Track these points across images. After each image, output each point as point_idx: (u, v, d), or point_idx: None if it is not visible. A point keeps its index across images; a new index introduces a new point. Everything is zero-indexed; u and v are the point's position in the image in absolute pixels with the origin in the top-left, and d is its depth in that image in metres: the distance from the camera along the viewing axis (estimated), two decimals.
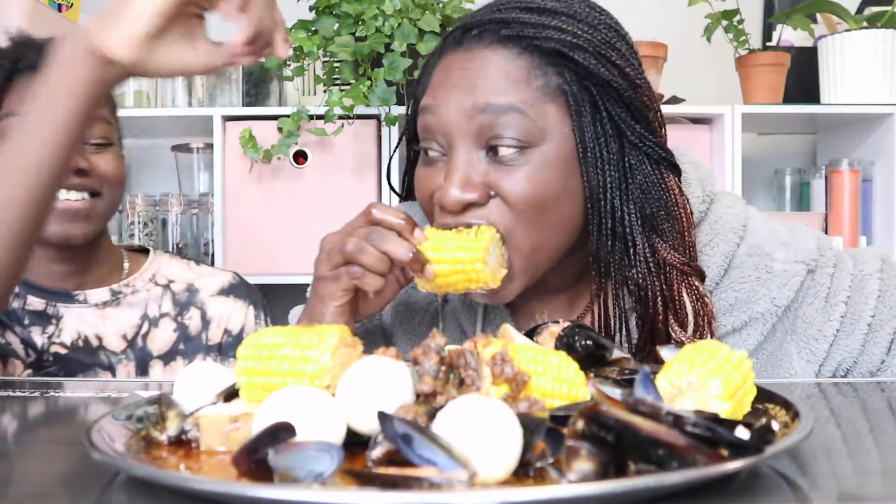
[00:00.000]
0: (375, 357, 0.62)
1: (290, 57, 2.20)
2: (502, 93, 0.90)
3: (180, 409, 0.66)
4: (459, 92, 0.91)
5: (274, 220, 2.30)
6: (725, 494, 0.53)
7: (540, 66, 0.91)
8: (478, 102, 0.90)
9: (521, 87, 0.90)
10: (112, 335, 1.34)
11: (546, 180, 0.91)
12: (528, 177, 0.90)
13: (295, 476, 0.51)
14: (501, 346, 0.64)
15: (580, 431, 0.53)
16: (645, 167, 0.94)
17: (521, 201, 0.90)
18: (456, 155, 0.92)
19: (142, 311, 1.37)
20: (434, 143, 0.94)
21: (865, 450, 0.70)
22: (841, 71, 2.33)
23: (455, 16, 2.22)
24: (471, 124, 0.91)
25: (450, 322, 1.09)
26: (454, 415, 0.54)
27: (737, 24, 2.36)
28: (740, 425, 0.57)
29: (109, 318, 1.35)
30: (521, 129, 0.90)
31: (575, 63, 0.91)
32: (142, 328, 1.37)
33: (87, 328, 1.34)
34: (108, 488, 0.57)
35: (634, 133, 0.93)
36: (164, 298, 1.39)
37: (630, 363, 0.76)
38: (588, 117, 0.91)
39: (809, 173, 2.60)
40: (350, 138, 2.27)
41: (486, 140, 0.91)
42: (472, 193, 0.90)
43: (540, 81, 0.91)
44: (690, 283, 0.97)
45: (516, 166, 0.90)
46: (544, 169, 0.91)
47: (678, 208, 0.96)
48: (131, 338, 1.35)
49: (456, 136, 0.92)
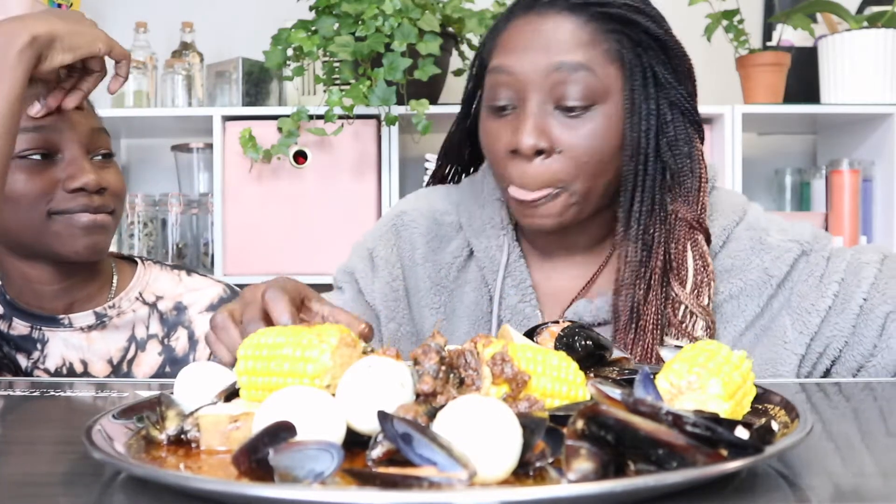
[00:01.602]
0: (375, 357, 0.62)
1: (290, 57, 2.20)
2: (574, 53, 0.99)
3: (180, 409, 0.66)
4: (534, 51, 1.00)
5: (274, 220, 2.30)
6: (725, 494, 0.53)
7: (603, 31, 1.01)
8: (552, 61, 0.99)
9: (589, 49, 1.00)
10: (97, 360, 1.30)
11: (607, 136, 1.01)
12: (593, 132, 1.00)
13: (295, 476, 0.51)
14: (501, 346, 0.64)
15: (580, 431, 0.53)
16: (678, 123, 1.04)
17: (585, 154, 1.00)
18: (529, 106, 1.00)
19: (128, 333, 1.32)
20: (505, 99, 1.02)
21: (865, 450, 0.70)
22: (841, 71, 2.33)
23: (455, 16, 2.22)
24: (545, 81, 0.99)
25: (473, 273, 1.13)
26: (454, 414, 0.54)
27: (737, 24, 2.36)
28: (740, 425, 0.58)
29: (95, 341, 1.30)
30: (589, 87, 0.99)
31: (634, 29, 1.01)
32: (128, 352, 1.32)
33: (73, 353, 1.29)
34: (108, 488, 0.57)
35: (676, 92, 1.04)
36: (152, 319, 1.34)
37: (630, 363, 0.76)
38: (639, 80, 1.01)
39: (810, 173, 2.60)
40: (350, 138, 2.27)
41: (558, 96, 0.99)
42: (543, 140, 0.99)
43: (604, 46, 1.01)
44: (696, 240, 1.03)
45: (582, 122, 1.00)
46: (606, 125, 1.00)
47: (699, 166, 1.05)
48: (117, 362, 1.31)
49: (529, 91, 1.00)
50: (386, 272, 1.15)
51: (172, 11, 2.71)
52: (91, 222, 1.21)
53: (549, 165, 1.00)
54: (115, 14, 2.79)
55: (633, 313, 1.01)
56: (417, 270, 1.15)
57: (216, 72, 2.48)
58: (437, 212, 1.17)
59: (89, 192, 1.20)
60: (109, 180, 1.25)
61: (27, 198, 1.18)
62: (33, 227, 1.20)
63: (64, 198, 1.19)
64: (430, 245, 1.15)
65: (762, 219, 1.11)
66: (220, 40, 2.70)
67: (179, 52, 2.54)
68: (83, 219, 1.20)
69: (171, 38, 2.63)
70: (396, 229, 1.17)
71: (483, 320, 1.10)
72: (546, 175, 1.00)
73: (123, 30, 2.66)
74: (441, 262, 1.14)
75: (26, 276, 1.26)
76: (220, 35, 2.72)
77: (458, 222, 1.16)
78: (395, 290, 1.15)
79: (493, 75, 1.03)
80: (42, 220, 1.19)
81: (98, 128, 1.25)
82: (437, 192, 1.21)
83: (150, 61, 2.52)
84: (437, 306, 1.13)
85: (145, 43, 2.56)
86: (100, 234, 1.23)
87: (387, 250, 1.16)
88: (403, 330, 1.14)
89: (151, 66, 2.51)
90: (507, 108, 1.02)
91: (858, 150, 2.49)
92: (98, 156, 1.25)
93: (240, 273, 2.28)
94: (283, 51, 2.17)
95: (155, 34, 2.61)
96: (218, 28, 2.73)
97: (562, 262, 1.12)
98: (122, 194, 1.28)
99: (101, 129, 1.26)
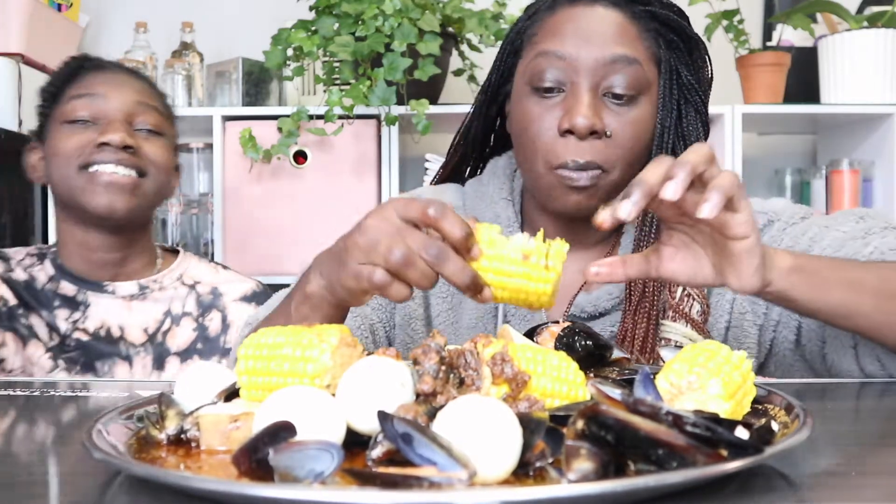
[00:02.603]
0: (375, 357, 0.62)
1: (290, 57, 2.20)
2: (627, 46, 1.04)
3: (180, 409, 0.66)
4: (589, 40, 1.04)
5: (274, 220, 2.30)
6: (725, 494, 0.53)
7: (646, 29, 1.07)
8: (606, 53, 1.03)
9: (637, 44, 1.06)
10: (134, 327, 1.40)
11: (647, 126, 1.06)
12: (637, 120, 1.05)
13: (295, 475, 0.51)
14: (501, 346, 0.64)
15: (580, 431, 0.53)
16: (692, 122, 1.10)
17: (630, 139, 1.04)
18: (582, 90, 1.03)
19: (166, 307, 1.43)
20: (553, 81, 1.04)
21: (865, 449, 0.70)
22: (841, 71, 2.33)
23: (455, 16, 2.22)
24: (598, 70, 1.03)
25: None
26: (454, 414, 0.54)
27: (737, 24, 2.36)
28: (740, 425, 0.58)
29: (134, 310, 1.41)
30: (638, 79, 1.04)
31: (669, 31, 1.07)
32: (163, 324, 1.42)
33: (112, 318, 1.39)
34: (108, 488, 0.57)
35: (695, 93, 1.10)
36: (189, 298, 1.45)
37: (630, 363, 0.76)
38: (666, 77, 1.08)
39: (810, 173, 2.60)
40: (350, 138, 2.27)
41: (610, 84, 1.03)
42: (598, 122, 1.02)
43: (646, 42, 1.07)
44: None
45: (629, 110, 1.04)
46: (646, 116, 1.06)
47: None
48: (152, 332, 1.41)
49: (582, 76, 1.03)
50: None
51: (172, 11, 2.71)
52: (110, 181, 1.33)
53: (599, 148, 1.02)
54: (115, 14, 2.79)
55: (644, 295, 1.04)
56: None
57: (216, 72, 2.48)
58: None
59: (115, 148, 1.33)
60: (146, 146, 1.38)
61: (66, 152, 1.35)
62: (67, 180, 1.35)
63: (93, 152, 1.34)
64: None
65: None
66: (220, 40, 2.70)
67: (179, 52, 2.54)
68: (104, 176, 1.33)
69: (171, 38, 2.63)
70: None
71: (488, 316, 1.11)
72: (597, 157, 1.02)
73: (123, 30, 2.66)
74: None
75: (79, 241, 1.40)
76: (220, 35, 2.72)
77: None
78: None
79: (542, 58, 1.05)
80: (75, 173, 1.34)
81: (143, 102, 1.39)
82: (448, 188, 1.22)
83: (150, 61, 2.52)
84: (444, 295, 1.13)
85: (145, 43, 2.56)
86: (118, 194, 1.34)
87: None
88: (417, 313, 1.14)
89: (151, 66, 2.51)
90: (554, 90, 1.04)
91: (858, 150, 2.49)
92: (142, 130, 1.39)
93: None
94: (283, 51, 2.17)
95: (155, 34, 2.61)
96: (218, 28, 2.73)
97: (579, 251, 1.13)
98: (160, 162, 1.39)
99: (146, 105, 1.40)
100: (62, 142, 1.36)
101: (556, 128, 1.03)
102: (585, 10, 1.06)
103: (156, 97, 1.45)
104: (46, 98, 1.43)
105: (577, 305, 1.08)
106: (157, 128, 1.41)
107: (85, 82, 1.40)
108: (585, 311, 1.08)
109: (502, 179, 1.16)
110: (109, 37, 2.79)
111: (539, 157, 1.05)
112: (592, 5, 1.06)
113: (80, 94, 1.38)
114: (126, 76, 1.43)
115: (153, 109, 1.41)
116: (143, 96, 1.41)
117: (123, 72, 1.45)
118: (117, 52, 2.56)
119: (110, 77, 1.41)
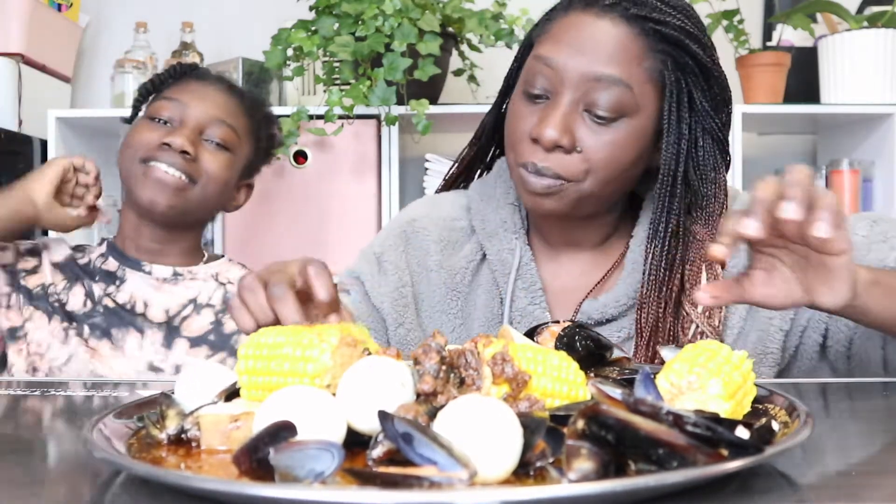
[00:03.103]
0: (376, 357, 0.62)
1: (290, 57, 2.20)
2: (617, 66, 1.00)
3: (180, 408, 0.66)
4: (579, 53, 1.01)
5: (274, 220, 2.30)
6: (725, 494, 0.53)
7: (652, 49, 1.02)
8: (593, 70, 1.00)
9: (633, 64, 1.01)
10: (158, 307, 1.47)
11: (628, 148, 1.02)
12: (615, 141, 1.02)
13: (295, 475, 0.51)
14: (502, 346, 0.64)
15: (580, 431, 0.53)
16: (708, 150, 1.07)
17: (603, 159, 1.02)
18: (560, 102, 1.02)
19: (193, 295, 1.50)
20: (541, 88, 1.03)
21: (865, 449, 0.70)
22: (841, 71, 2.33)
23: (455, 16, 2.22)
24: (582, 85, 1.01)
25: (485, 276, 1.14)
26: (455, 414, 0.54)
27: (737, 24, 2.36)
28: (740, 425, 0.58)
29: (163, 291, 1.49)
30: (621, 102, 1.00)
31: (682, 53, 1.03)
32: (185, 309, 1.49)
33: (140, 294, 1.48)
34: (108, 488, 0.57)
35: (711, 120, 1.06)
36: (216, 293, 1.52)
37: (630, 363, 0.76)
38: (675, 102, 1.03)
39: None
40: (350, 138, 2.27)
41: (590, 101, 1.01)
42: (566, 138, 1.00)
43: (648, 63, 1.02)
44: (712, 263, 1.04)
45: (608, 130, 1.01)
46: (629, 138, 1.02)
47: (723, 193, 1.07)
48: (172, 314, 1.48)
49: (565, 89, 1.02)
50: (395, 277, 1.15)
51: (172, 11, 2.71)
52: (160, 178, 1.42)
53: (564, 160, 1.01)
54: (115, 14, 2.79)
55: (654, 329, 1.03)
56: (431, 277, 1.15)
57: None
58: (448, 218, 1.18)
59: (174, 150, 1.41)
60: (206, 158, 1.46)
61: (134, 144, 1.45)
62: (129, 169, 1.45)
63: (154, 148, 1.42)
64: (444, 252, 1.16)
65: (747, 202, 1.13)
66: (220, 40, 2.70)
67: (179, 52, 2.54)
68: (156, 172, 1.42)
69: (171, 38, 2.63)
70: (406, 236, 1.17)
71: (494, 322, 1.11)
72: (558, 168, 1.02)
73: (123, 30, 2.66)
74: (455, 267, 1.15)
75: (132, 224, 1.50)
76: (220, 35, 2.72)
77: (470, 226, 1.17)
78: (403, 297, 1.15)
79: (535, 63, 1.05)
80: (135, 165, 1.44)
81: (219, 117, 1.47)
82: (444, 198, 1.22)
83: (150, 61, 2.52)
84: (453, 311, 1.13)
85: (145, 43, 2.56)
86: (163, 192, 1.42)
87: (396, 255, 1.16)
88: (413, 335, 1.14)
89: (151, 66, 2.51)
90: (542, 97, 1.04)
91: (858, 150, 2.49)
92: (211, 141, 1.47)
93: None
94: (283, 51, 2.17)
95: (155, 34, 2.61)
96: (218, 28, 2.73)
97: (569, 260, 1.14)
98: (214, 173, 1.46)
99: (221, 120, 1.47)
100: (135, 134, 1.46)
101: (528, 132, 1.03)
102: (592, 18, 1.03)
103: (239, 115, 1.52)
104: (142, 93, 1.56)
105: (584, 312, 1.08)
106: (225, 143, 1.48)
107: (179, 87, 1.51)
108: (592, 317, 1.08)
109: (509, 183, 1.15)
110: (109, 37, 2.79)
111: (512, 155, 1.06)
112: (602, 15, 1.02)
113: (168, 96, 1.49)
114: (217, 90, 1.51)
115: (227, 126, 1.48)
116: (222, 112, 1.49)
117: (218, 84, 1.53)
118: (117, 52, 2.56)
119: (202, 87, 1.51)
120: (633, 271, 1.08)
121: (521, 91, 1.06)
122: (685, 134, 1.04)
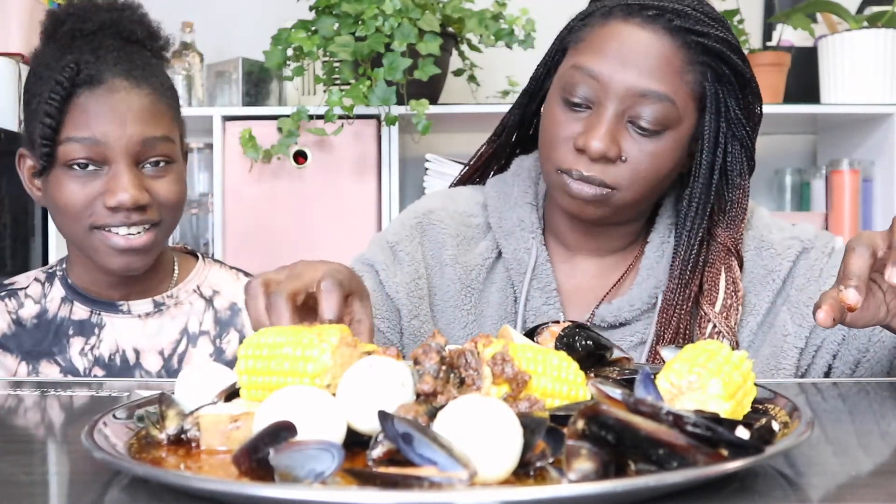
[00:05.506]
0: (376, 357, 0.62)
1: (290, 57, 2.20)
2: (662, 81, 1.02)
3: (180, 409, 0.66)
4: (625, 66, 1.02)
5: (274, 220, 2.30)
6: (725, 494, 0.53)
7: (693, 61, 1.03)
8: (639, 85, 1.01)
9: (677, 78, 1.03)
10: (150, 351, 1.30)
11: (669, 157, 1.05)
12: (658, 151, 1.03)
13: (295, 475, 0.51)
14: (502, 346, 0.64)
15: (580, 431, 0.53)
16: (737, 158, 1.09)
17: (647, 169, 1.04)
18: (605, 114, 1.02)
19: (182, 324, 1.33)
20: (583, 98, 1.04)
21: (865, 450, 0.70)
22: (841, 71, 2.33)
23: (455, 16, 2.22)
24: (627, 99, 1.02)
25: (500, 274, 1.14)
26: (455, 414, 0.54)
27: (737, 24, 2.36)
28: (740, 425, 0.58)
29: (149, 329, 1.31)
30: (667, 115, 1.02)
31: (721, 65, 1.04)
32: (180, 345, 1.32)
33: (127, 341, 1.30)
34: (108, 488, 0.57)
35: (743, 129, 1.08)
36: (206, 315, 1.34)
37: (630, 363, 0.76)
38: (713, 112, 1.06)
39: (810, 173, 2.60)
40: (350, 138, 2.27)
41: (635, 114, 1.02)
42: (613, 150, 1.02)
43: (690, 76, 1.04)
44: (730, 265, 1.07)
45: (651, 141, 1.03)
46: (671, 148, 1.04)
47: (746, 199, 1.10)
48: (168, 355, 1.32)
49: (610, 102, 1.02)
50: (411, 268, 1.14)
51: (172, 11, 2.70)
52: (126, 245, 1.20)
53: (609, 170, 1.03)
54: None
55: (676, 332, 1.04)
56: (446, 271, 1.14)
57: (216, 72, 2.48)
58: (464, 213, 1.17)
59: (128, 210, 1.18)
60: (158, 191, 1.22)
61: (72, 209, 1.19)
62: (77, 238, 1.22)
63: (103, 213, 1.19)
64: (459, 247, 1.15)
65: (765, 218, 1.15)
66: (220, 40, 2.70)
67: (179, 52, 2.54)
68: (119, 240, 1.20)
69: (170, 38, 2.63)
70: (422, 227, 1.16)
71: (507, 320, 1.11)
72: (605, 177, 1.03)
73: None
74: (470, 263, 1.14)
75: (88, 264, 1.27)
76: (220, 35, 2.72)
77: (486, 223, 1.17)
78: (419, 288, 1.14)
79: (575, 72, 1.04)
80: (85, 233, 1.20)
81: (152, 137, 1.20)
82: (460, 193, 1.21)
83: None
84: (467, 307, 1.13)
85: None
86: (134, 255, 1.22)
87: (412, 246, 1.15)
88: (426, 328, 1.13)
89: None
90: (582, 106, 1.04)
91: (858, 150, 2.49)
92: (150, 164, 1.21)
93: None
94: (283, 51, 2.17)
95: None
96: (218, 28, 2.73)
97: (584, 262, 1.15)
98: (172, 203, 1.24)
99: (156, 138, 1.21)
100: (62, 196, 1.19)
101: (572, 141, 1.03)
102: (634, 30, 1.03)
103: (160, 111, 1.24)
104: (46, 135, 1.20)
105: (599, 315, 1.09)
106: (166, 157, 1.23)
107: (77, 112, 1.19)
108: (606, 320, 1.08)
109: (527, 182, 1.15)
110: None
111: (551, 161, 1.06)
112: (644, 26, 1.02)
113: (75, 137, 1.18)
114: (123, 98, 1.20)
115: (161, 140, 1.22)
116: (148, 126, 1.20)
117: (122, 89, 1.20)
118: None
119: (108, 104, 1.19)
120: (648, 276, 1.09)
121: (560, 97, 1.06)
122: (721, 143, 1.07)
